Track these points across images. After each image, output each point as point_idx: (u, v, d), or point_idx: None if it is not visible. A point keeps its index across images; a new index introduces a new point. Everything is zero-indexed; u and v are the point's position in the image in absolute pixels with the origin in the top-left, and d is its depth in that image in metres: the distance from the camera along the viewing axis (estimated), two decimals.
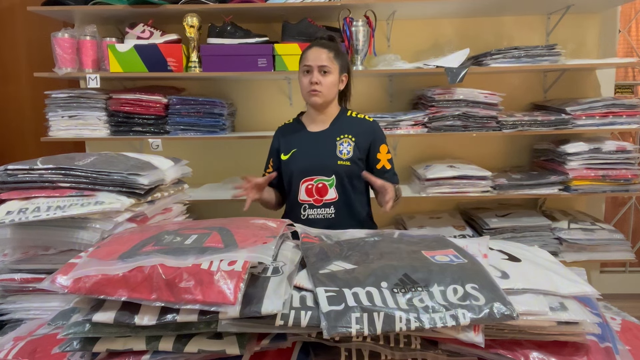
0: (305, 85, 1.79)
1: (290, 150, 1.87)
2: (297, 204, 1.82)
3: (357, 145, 1.82)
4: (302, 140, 1.87)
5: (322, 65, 1.77)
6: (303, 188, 1.81)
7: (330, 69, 1.78)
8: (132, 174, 1.27)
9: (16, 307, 1.26)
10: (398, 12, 2.48)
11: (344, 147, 1.81)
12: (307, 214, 1.81)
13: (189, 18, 2.30)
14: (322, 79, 1.77)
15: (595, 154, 2.42)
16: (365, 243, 1.05)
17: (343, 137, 1.82)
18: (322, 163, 1.81)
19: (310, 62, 1.78)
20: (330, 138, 1.84)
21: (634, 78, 3.10)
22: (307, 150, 1.84)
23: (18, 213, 1.16)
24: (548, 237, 2.51)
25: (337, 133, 1.84)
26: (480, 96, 2.40)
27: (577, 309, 0.86)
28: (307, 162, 1.82)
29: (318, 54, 1.78)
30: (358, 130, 1.84)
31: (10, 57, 2.88)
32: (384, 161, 1.87)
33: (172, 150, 2.57)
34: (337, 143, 1.82)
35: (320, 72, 1.77)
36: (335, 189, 1.80)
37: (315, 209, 1.81)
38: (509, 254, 1.03)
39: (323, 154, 1.82)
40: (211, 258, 0.85)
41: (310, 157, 1.83)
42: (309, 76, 1.78)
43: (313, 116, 1.89)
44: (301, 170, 1.82)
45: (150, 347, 0.81)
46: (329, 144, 1.82)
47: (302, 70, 1.81)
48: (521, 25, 2.69)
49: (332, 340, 0.83)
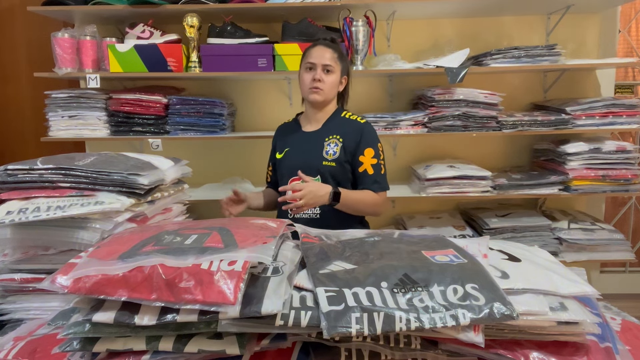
0: (307, 81, 1.80)
1: (284, 150, 1.91)
2: (285, 202, 1.80)
3: (344, 146, 1.82)
4: (295, 139, 1.91)
5: (326, 64, 1.78)
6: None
7: (333, 68, 1.80)
8: (132, 174, 1.27)
9: (16, 307, 1.26)
10: (398, 12, 2.48)
11: (330, 148, 1.82)
12: (294, 213, 1.80)
13: (189, 18, 2.30)
14: (325, 77, 1.79)
15: (595, 154, 2.42)
16: (365, 243, 1.05)
17: (331, 138, 1.84)
18: (308, 163, 1.82)
19: (314, 59, 1.79)
20: (320, 138, 1.86)
21: (634, 78, 3.10)
22: (298, 150, 1.88)
23: (18, 213, 1.16)
24: (548, 237, 2.51)
25: (326, 133, 1.86)
26: (480, 96, 2.40)
27: (577, 309, 0.86)
28: (295, 161, 1.85)
29: (322, 52, 1.80)
30: (346, 131, 1.84)
31: (10, 57, 2.88)
32: (366, 165, 1.83)
33: (172, 150, 2.57)
34: (324, 143, 1.84)
35: (323, 70, 1.78)
36: None
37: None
38: (509, 254, 1.03)
39: (310, 153, 1.84)
40: (211, 258, 0.85)
41: (299, 157, 1.86)
42: (312, 73, 1.79)
43: (309, 115, 1.90)
44: (289, 169, 1.85)
45: (150, 347, 0.81)
46: (317, 144, 1.85)
47: (305, 67, 1.82)
48: (521, 25, 2.69)
49: (332, 340, 0.83)
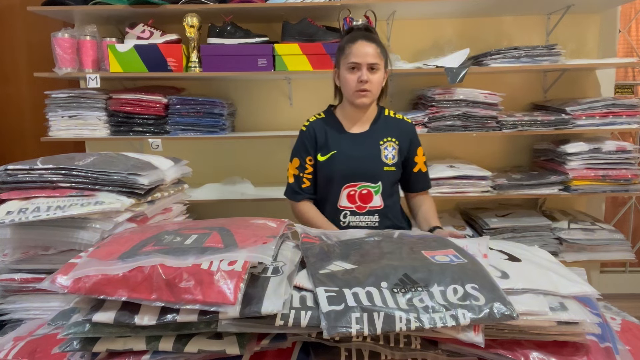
0: (353, 84, 1.63)
1: (329, 152, 1.71)
2: (336, 210, 1.70)
3: (400, 148, 1.72)
4: (341, 142, 1.71)
5: (372, 62, 1.61)
6: (344, 194, 1.69)
7: (378, 65, 1.63)
8: (132, 174, 1.27)
9: (16, 307, 1.26)
10: (398, 12, 2.48)
11: (388, 152, 1.69)
12: (347, 221, 1.70)
13: (189, 18, 2.30)
14: (371, 77, 1.62)
15: (595, 154, 2.42)
16: (365, 243, 1.05)
17: (387, 141, 1.70)
18: (367, 168, 1.68)
19: (357, 58, 1.61)
20: (373, 141, 1.71)
21: (634, 78, 3.09)
22: (350, 154, 1.69)
23: (18, 213, 1.16)
24: (548, 237, 2.51)
25: (379, 135, 1.71)
26: (480, 96, 2.40)
27: (577, 309, 0.86)
28: (351, 167, 1.68)
29: (366, 49, 1.61)
30: (400, 132, 1.73)
31: (10, 57, 2.88)
32: (420, 164, 1.77)
33: (172, 150, 2.57)
34: (381, 147, 1.69)
35: (368, 69, 1.62)
36: (380, 196, 1.69)
37: (358, 216, 1.69)
38: (509, 254, 1.03)
39: (367, 159, 1.69)
40: (211, 258, 0.85)
41: (354, 162, 1.68)
42: (357, 74, 1.62)
43: (352, 115, 1.74)
44: (343, 175, 1.68)
45: (150, 347, 0.81)
46: (372, 148, 1.70)
47: (347, 67, 1.64)
48: (521, 25, 2.69)
49: (332, 340, 0.83)
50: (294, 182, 1.77)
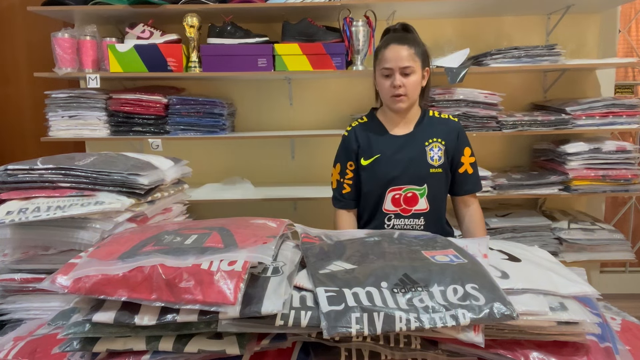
0: (387, 90, 1.60)
1: (373, 155, 1.67)
2: (380, 213, 1.67)
3: (446, 149, 1.66)
4: (386, 145, 1.67)
5: (404, 66, 1.56)
6: (389, 197, 1.65)
7: (413, 68, 1.57)
8: (132, 174, 1.27)
9: (16, 307, 1.26)
10: (398, 12, 2.48)
11: (434, 153, 1.64)
12: (392, 224, 1.66)
13: (189, 18, 2.30)
14: (406, 81, 1.58)
15: (595, 154, 2.42)
16: (365, 243, 1.05)
17: (432, 142, 1.65)
18: (413, 171, 1.63)
19: (389, 63, 1.57)
20: (418, 142, 1.66)
21: (634, 78, 3.10)
22: (394, 157, 1.65)
23: (18, 213, 1.16)
24: (548, 237, 2.51)
25: (425, 137, 1.66)
26: (480, 96, 2.41)
27: (577, 309, 0.86)
28: (396, 169, 1.64)
29: (397, 52, 1.57)
30: (445, 132, 1.67)
31: (10, 57, 2.88)
32: (466, 165, 1.70)
33: (172, 150, 2.57)
34: (426, 148, 1.65)
35: (401, 74, 1.57)
36: (426, 199, 1.64)
37: (403, 219, 1.66)
38: (509, 254, 1.03)
39: (413, 161, 1.64)
40: (211, 258, 0.85)
41: (400, 165, 1.64)
42: (390, 79, 1.59)
43: (393, 118, 1.69)
44: (389, 178, 1.64)
45: (150, 347, 0.81)
46: (418, 150, 1.65)
47: (381, 74, 1.61)
48: (521, 25, 2.69)
49: (332, 340, 0.83)
50: (336, 187, 1.77)
